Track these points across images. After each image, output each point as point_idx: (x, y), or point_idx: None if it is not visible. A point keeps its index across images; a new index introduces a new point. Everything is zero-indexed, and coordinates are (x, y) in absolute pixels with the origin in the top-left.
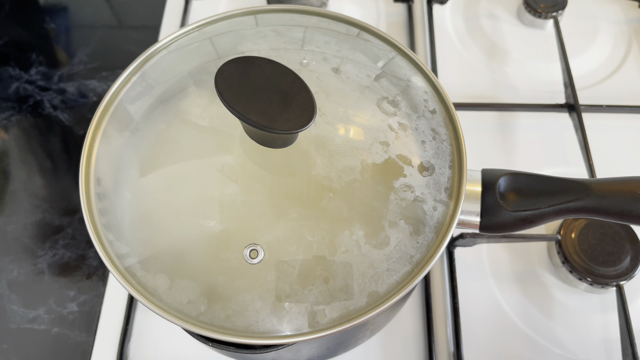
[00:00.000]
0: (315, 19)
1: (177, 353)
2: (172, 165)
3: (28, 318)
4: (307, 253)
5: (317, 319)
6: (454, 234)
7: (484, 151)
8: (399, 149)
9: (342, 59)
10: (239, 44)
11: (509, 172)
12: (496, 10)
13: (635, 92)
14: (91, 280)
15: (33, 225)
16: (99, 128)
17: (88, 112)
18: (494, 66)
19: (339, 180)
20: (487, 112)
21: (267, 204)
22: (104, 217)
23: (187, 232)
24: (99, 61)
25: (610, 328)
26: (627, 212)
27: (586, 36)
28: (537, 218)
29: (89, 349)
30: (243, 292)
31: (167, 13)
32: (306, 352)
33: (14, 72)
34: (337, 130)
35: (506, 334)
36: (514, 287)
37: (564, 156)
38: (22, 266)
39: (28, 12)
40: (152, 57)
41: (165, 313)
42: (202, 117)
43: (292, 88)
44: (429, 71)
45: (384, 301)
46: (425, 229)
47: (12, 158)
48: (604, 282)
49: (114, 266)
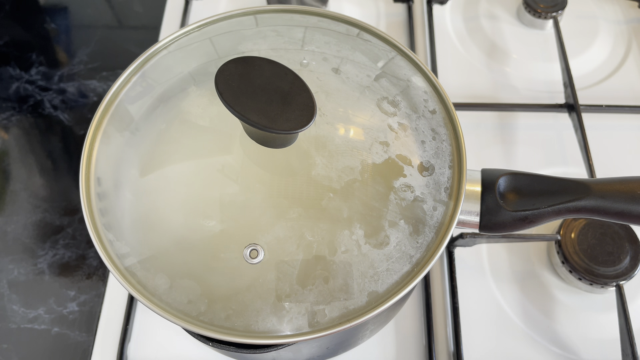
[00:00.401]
0: (315, 19)
1: (177, 353)
2: (172, 165)
3: (28, 318)
4: (307, 253)
5: (317, 319)
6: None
7: (484, 151)
8: (398, 149)
9: (342, 59)
10: (239, 44)
11: (509, 172)
12: (496, 10)
13: (635, 92)
14: (91, 280)
15: (33, 225)
16: (99, 128)
17: (88, 112)
18: (494, 66)
19: (339, 180)
20: (487, 112)
21: (267, 204)
22: (104, 217)
23: (187, 232)
24: (99, 61)
25: (610, 328)
26: (626, 212)
27: (586, 36)
28: (537, 218)
29: (89, 349)
30: (243, 292)
31: (167, 13)
32: (306, 351)
33: (14, 72)
34: (337, 130)
35: (506, 334)
36: (514, 287)
37: (563, 156)
38: (23, 266)
39: (28, 12)
40: (152, 57)
41: (166, 313)
42: (202, 117)
43: (292, 88)
44: (429, 71)
45: (384, 301)
46: (425, 229)
47: (13, 158)
48: (603, 282)
49: (114, 266)
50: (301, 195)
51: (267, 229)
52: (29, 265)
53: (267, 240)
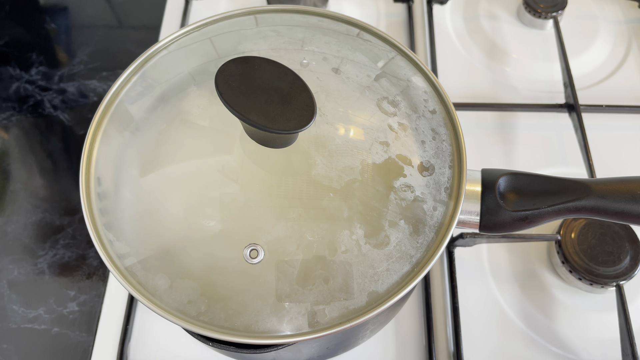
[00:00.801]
0: (315, 19)
1: (177, 353)
2: (172, 165)
3: (28, 318)
4: (307, 253)
5: (317, 319)
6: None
7: (484, 151)
8: (399, 149)
9: (342, 59)
10: (239, 44)
11: (509, 172)
12: (496, 10)
13: (635, 92)
14: (91, 280)
15: (33, 225)
16: (100, 128)
17: (88, 112)
18: (494, 66)
19: (339, 180)
20: (487, 112)
21: (267, 203)
22: (104, 217)
23: (187, 232)
24: (99, 61)
25: (610, 328)
26: (626, 212)
27: (586, 36)
28: (537, 218)
29: (89, 349)
30: (243, 292)
31: (167, 13)
32: (306, 351)
33: (14, 72)
34: (337, 130)
35: (506, 334)
36: (514, 287)
37: (563, 156)
38: (23, 266)
39: (28, 12)
40: (152, 57)
41: (166, 313)
42: (202, 117)
43: (292, 88)
44: (429, 71)
45: (384, 301)
46: (425, 229)
47: (13, 158)
48: (603, 282)
49: (114, 266)
50: (301, 195)
51: (267, 229)
52: (29, 265)
53: (267, 240)
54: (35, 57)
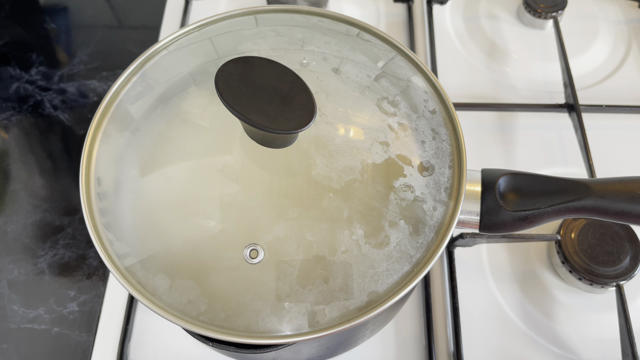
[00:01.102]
0: (315, 19)
1: (177, 353)
2: (172, 165)
3: (28, 318)
4: (307, 253)
5: (317, 319)
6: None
7: (484, 151)
8: (398, 149)
9: (342, 59)
10: (239, 44)
11: (509, 172)
12: (496, 10)
13: (635, 92)
14: (91, 280)
15: (33, 225)
16: (100, 128)
17: (88, 112)
18: (494, 66)
19: (339, 180)
20: (487, 112)
21: (267, 204)
22: (104, 217)
23: (187, 232)
24: (99, 61)
25: (610, 328)
26: (626, 212)
27: (586, 36)
28: (537, 218)
29: (89, 349)
30: (243, 292)
31: (167, 13)
32: (306, 351)
33: (14, 72)
34: (337, 130)
35: (506, 334)
36: (514, 287)
37: (563, 156)
38: (23, 266)
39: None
40: (152, 57)
41: (166, 313)
42: (202, 117)
43: (292, 88)
44: (429, 71)
45: (384, 301)
46: (425, 229)
47: (13, 158)
48: (603, 282)
49: (114, 266)
50: (301, 195)
51: (267, 229)
52: (29, 265)
53: (267, 240)
54: (35, 57)
